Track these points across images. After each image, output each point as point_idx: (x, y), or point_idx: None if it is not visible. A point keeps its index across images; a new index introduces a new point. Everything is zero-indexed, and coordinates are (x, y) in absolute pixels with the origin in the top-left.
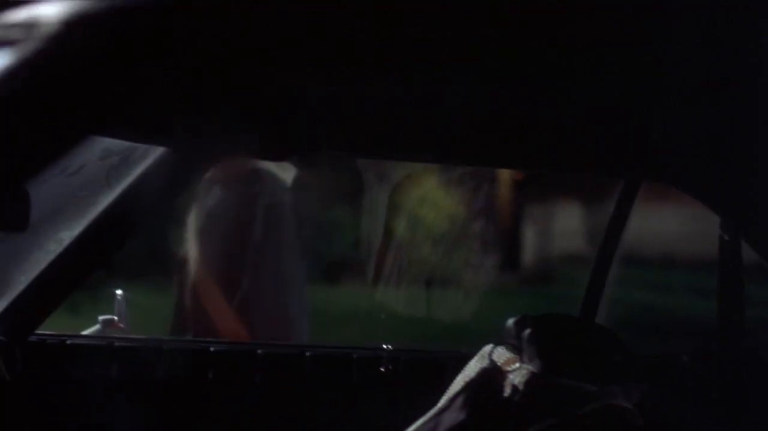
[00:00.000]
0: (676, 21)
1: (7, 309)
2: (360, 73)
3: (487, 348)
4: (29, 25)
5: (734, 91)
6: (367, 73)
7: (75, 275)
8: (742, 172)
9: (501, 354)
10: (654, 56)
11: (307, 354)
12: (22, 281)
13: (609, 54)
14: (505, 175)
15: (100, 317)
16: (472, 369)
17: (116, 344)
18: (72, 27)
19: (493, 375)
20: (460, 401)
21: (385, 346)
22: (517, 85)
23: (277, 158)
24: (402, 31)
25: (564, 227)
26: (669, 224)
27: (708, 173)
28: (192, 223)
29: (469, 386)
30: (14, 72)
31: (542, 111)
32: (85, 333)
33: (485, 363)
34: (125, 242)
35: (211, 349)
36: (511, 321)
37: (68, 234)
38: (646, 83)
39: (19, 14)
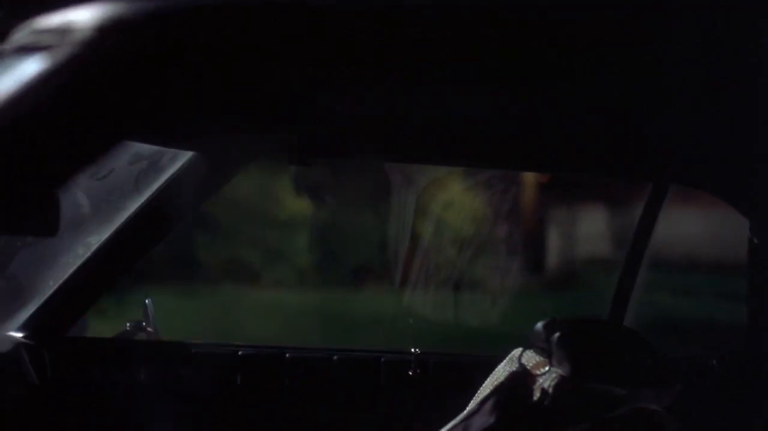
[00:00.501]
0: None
1: (36, 313)
2: (383, 78)
3: (516, 351)
4: (62, 31)
5: (760, 94)
6: (391, 77)
7: (103, 279)
8: None
9: (530, 358)
10: (675, 58)
11: (335, 357)
12: (51, 285)
13: (636, 55)
14: (529, 178)
15: (128, 322)
16: (501, 372)
17: (144, 348)
18: (105, 32)
19: (522, 378)
20: (489, 405)
21: (412, 350)
22: (542, 88)
23: (304, 162)
24: (423, 35)
25: (588, 230)
26: (694, 227)
27: (737, 176)
28: None
29: (498, 389)
30: (47, 77)
31: (569, 114)
32: (113, 337)
33: (514, 366)
34: (153, 247)
35: (239, 353)
36: (539, 325)
37: (97, 238)
38: (671, 85)
39: (53, 20)
